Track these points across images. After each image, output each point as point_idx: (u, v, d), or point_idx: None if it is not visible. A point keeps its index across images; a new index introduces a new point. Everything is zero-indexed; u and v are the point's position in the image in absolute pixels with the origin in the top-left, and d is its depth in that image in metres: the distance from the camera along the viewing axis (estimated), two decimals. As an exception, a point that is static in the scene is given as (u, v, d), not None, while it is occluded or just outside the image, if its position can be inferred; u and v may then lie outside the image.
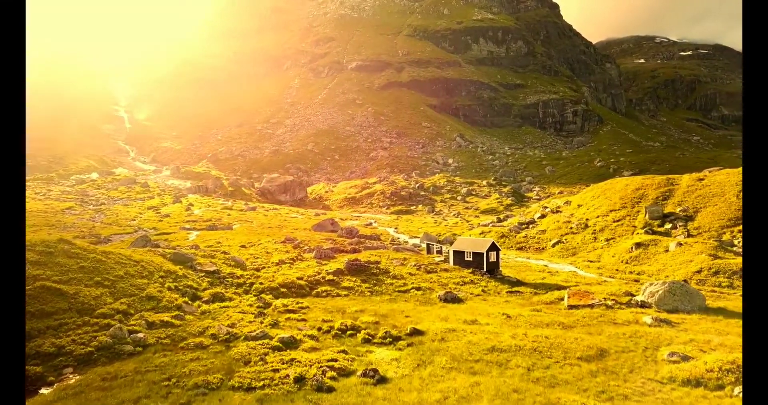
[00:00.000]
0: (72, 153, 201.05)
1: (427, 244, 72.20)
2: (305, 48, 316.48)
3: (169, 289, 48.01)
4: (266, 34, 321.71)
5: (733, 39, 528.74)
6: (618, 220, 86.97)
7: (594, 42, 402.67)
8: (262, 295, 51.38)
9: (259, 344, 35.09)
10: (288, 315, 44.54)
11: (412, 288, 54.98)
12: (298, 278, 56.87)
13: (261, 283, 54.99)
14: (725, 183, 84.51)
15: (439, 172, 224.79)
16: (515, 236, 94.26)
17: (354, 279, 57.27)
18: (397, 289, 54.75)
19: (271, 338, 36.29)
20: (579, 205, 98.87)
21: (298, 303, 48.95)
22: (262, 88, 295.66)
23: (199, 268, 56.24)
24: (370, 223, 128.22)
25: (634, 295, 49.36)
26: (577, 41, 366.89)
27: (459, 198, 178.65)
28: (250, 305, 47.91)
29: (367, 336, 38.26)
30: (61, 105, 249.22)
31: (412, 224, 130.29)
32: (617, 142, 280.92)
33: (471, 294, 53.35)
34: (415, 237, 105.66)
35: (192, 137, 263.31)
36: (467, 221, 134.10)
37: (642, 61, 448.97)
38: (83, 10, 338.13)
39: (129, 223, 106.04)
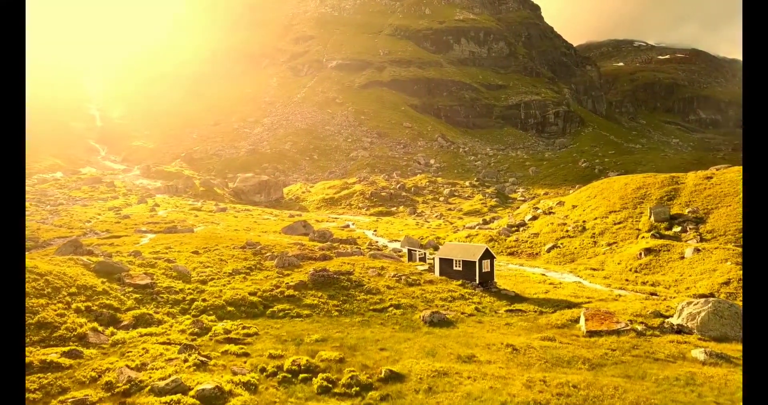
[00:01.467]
0: (37, 151, 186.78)
1: (409, 250, 61.14)
2: (284, 46, 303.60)
3: (78, 311, 36.43)
4: (243, 32, 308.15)
5: (709, 44, 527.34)
6: (619, 223, 76.80)
7: (574, 45, 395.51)
8: (202, 317, 40.05)
9: (165, 403, 23.74)
10: (227, 347, 33.21)
11: (391, 306, 43.92)
12: (250, 293, 45.54)
13: (204, 300, 43.62)
14: (737, 181, 74.79)
15: (421, 172, 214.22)
16: (505, 240, 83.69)
17: (319, 294, 46.04)
18: (371, 308, 43.64)
19: (187, 391, 24.91)
20: (574, 206, 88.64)
21: (244, 328, 37.65)
22: (240, 87, 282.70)
23: (128, 281, 44.66)
24: (348, 225, 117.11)
25: (667, 317, 38.81)
26: (558, 43, 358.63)
27: (441, 199, 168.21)
28: (183, 331, 36.51)
29: (325, 382, 27.12)
30: (27, 102, 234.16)
31: (392, 226, 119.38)
32: (599, 144, 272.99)
33: (463, 314, 42.40)
34: (396, 240, 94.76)
35: (166, 136, 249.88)
36: (451, 223, 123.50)
37: (621, 64, 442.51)
38: (55, 7, 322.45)
39: (82, 225, 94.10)
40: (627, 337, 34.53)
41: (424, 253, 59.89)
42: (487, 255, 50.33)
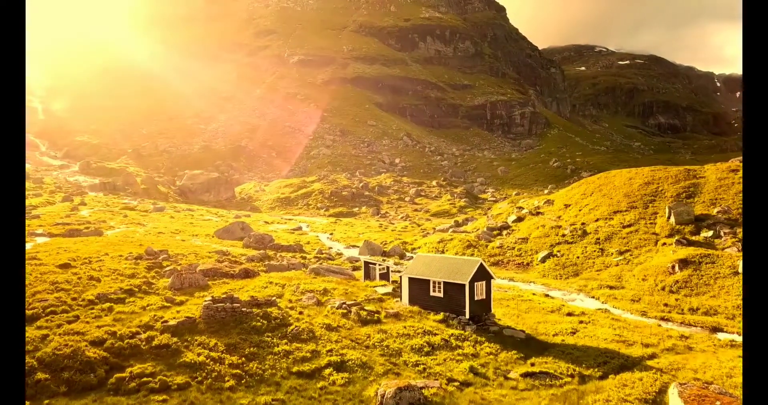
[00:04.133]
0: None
1: (366, 264, 42.04)
2: (244, 40, 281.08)
3: None
4: (200, 24, 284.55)
5: (666, 50, 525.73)
6: (629, 225, 59.60)
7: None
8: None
9: None
10: None
11: (329, 365, 25.06)
12: (95, 342, 26.10)
13: (3, 359, 24.05)
14: (773, 175, 58.31)
15: (386, 171, 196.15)
16: (486, 246, 65.69)
17: (213, 343, 26.83)
18: (295, 369, 24.67)
19: None
20: (566, 205, 71.27)
21: (32, 431, 18.38)
22: (196, 81, 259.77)
23: None
24: (300, 228, 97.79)
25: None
26: (523, 45, 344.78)
27: (407, 199, 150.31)
28: None
29: None
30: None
31: (352, 229, 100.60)
32: (565, 145, 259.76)
33: (451, 381, 23.79)
34: (354, 246, 76.03)
35: (113, 131, 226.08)
36: (418, 225, 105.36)
37: (583, 68, 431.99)
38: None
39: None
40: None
41: (387, 268, 41.09)
42: (482, 274, 31.97)
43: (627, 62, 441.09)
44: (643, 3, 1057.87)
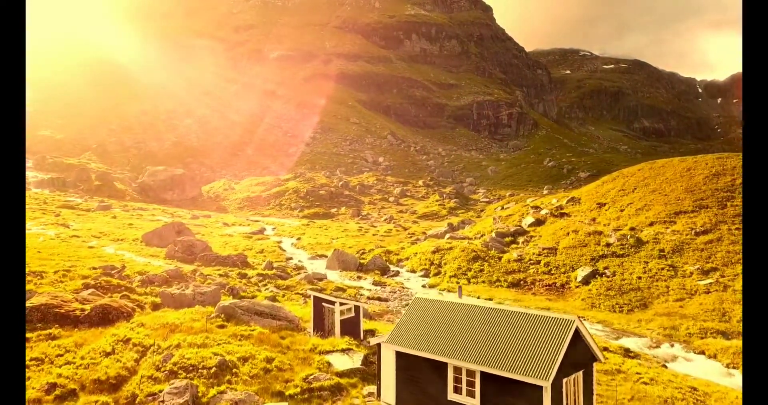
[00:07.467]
0: None
1: (317, 302, 22.34)
2: (223, 35, 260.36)
3: None
4: (179, 18, 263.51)
5: (648, 55, 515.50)
6: (705, 232, 41.00)
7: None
8: None
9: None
10: None
11: None
12: None
13: None
14: None
15: (368, 170, 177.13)
16: (500, 259, 46.67)
17: None
18: None
19: None
20: (600, 205, 52.54)
21: None
22: (172, 76, 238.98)
23: None
24: (262, 231, 77.99)
25: None
26: (509, 45, 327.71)
27: (391, 199, 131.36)
28: None
29: None
30: None
31: (325, 233, 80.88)
32: (554, 146, 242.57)
33: None
34: (323, 256, 56.57)
35: (80, 126, 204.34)
36: (404, 228, 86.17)
37: (568, 71, 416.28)
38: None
39: None
40: None
41: (356, 309, 21.69)
42: (578, 354, 12.86)
43: (611, 66, 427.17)
44: (626, 8, 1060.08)
